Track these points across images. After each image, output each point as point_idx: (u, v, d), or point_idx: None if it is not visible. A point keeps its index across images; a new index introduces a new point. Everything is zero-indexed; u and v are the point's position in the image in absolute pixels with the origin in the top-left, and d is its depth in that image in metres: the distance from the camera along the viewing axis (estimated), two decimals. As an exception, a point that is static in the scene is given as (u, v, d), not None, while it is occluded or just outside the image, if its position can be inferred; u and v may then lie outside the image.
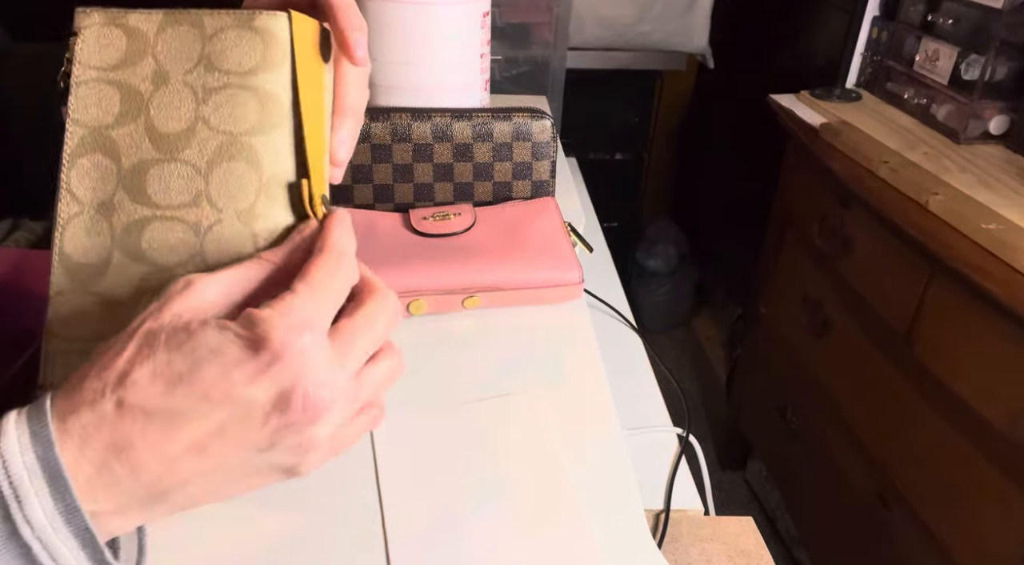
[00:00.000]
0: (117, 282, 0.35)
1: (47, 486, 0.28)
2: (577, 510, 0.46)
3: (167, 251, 0.35)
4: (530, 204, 0.74)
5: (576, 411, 0.54)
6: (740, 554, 0.51)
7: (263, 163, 0.35)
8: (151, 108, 0.35)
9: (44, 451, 0.28)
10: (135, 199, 0.35)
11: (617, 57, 1.66)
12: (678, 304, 2.22)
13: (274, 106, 0.35)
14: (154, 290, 0.33)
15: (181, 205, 0.35)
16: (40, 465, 0.28)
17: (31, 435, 0.29)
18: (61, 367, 0.34)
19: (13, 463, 0.28)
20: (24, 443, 0.28)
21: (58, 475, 0.28)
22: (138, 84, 0.35)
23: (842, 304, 1.21)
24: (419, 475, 0.48)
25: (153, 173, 0.35)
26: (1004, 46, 1.06)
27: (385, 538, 0.43)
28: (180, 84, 0.35)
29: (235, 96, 0.35)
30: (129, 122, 0.35)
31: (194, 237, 0.35)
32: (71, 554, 0.29)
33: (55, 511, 0.28)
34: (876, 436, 1.13)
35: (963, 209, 0.93)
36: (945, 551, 0.99)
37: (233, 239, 0.35)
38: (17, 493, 0.28)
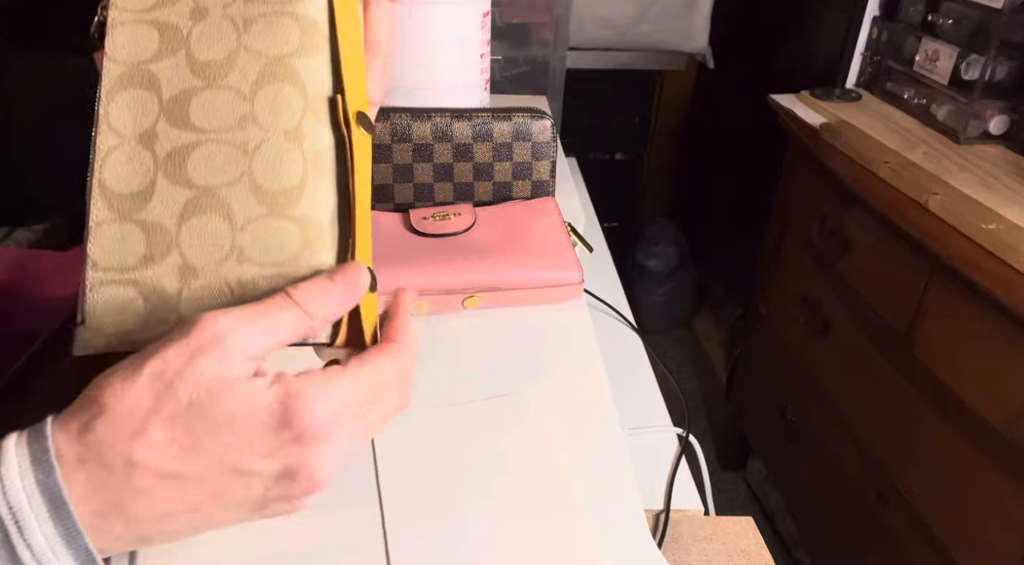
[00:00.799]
0: (161, 208, 0.34)
1: (47, 511, 0.28)
2: (577, 510, 0.46)
3: (214, 172, 0.35)
4: (530, 204, 0.74)
5: (576, 411, 0.54)
6: (740, 554, 0.51)
7: (306, 84, 0.36)
8: (191, 41, 0.36)
9: (45, 476, 0.28)
10: (179, 126, 0.35)
11: (617, 57, 1.66)
12: (678, 304, 2.22)
13: (314, 30, 0.36)
14: (200, 211, 0.34)
15: (227, 128, 0.35)
16: (40, 490, 0.28)
17: (31, 460, 0.28)
18: (105, 301, 0.34)
19: (13, 488, 0.28)
20: (24, 467, 0.28)
21: (59, 500, 0.28)
22: (177, 21, 0.36)
23: (842, 304, 1.21)
24: (419, 475, 0.48)
25: (196, 101, 0.35)
26: (1004, 46, 1.06)
27: (385, 538, 0.43)
28: (220, 17, 0.36)
29: (275, 22, 0.36)
30: (169, 56, 0.36)
31: (242, 156, 0.35)
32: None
33: (56, 535, 0.28)
34: (876, 436, 1.13)
35: (963, 209, 0.93)
36: (945, 551, 0.99)
37: (281, 157, 0.35)
38: (17, 518, 0.28)
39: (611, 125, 1.82)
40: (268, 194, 0.35)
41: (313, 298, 0.32)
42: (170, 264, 0.34)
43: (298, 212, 0.35)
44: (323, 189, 0.35)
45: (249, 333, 0.31)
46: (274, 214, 0.34)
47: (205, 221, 0.34)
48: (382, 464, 0.48)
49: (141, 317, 0.34)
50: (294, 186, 0.35)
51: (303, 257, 0.34)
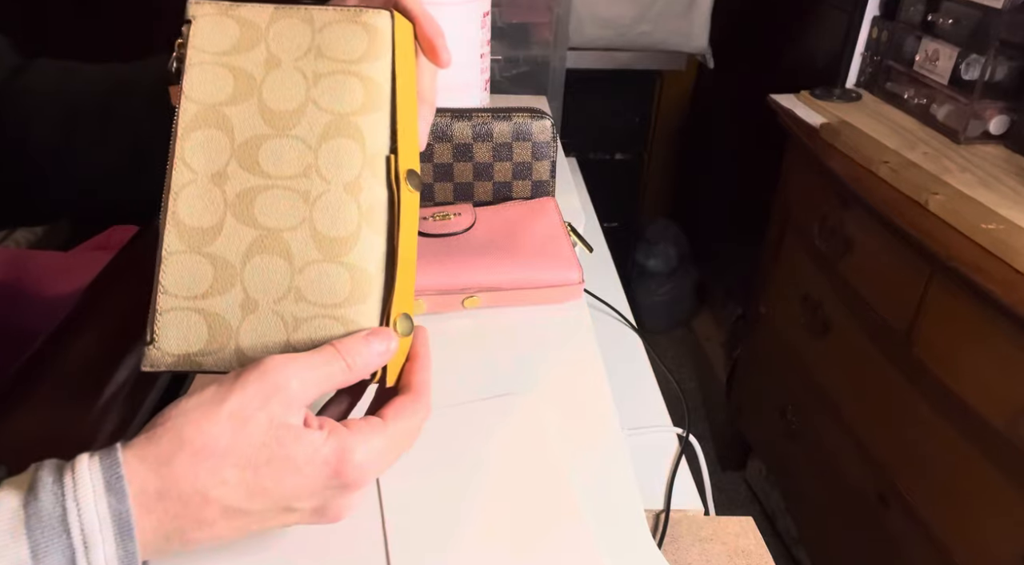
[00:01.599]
0: (228, 245, 0.37)
1: (114, 536, 0.30)
2: (577, 510, 0.46)
3: (279, 216, 0.38)
4: (530, 204, 0.74)
5: (576, 411, 0.54)
6: (740, 554, 0.51)
7: (367, 141, 0.39)
8: (264, 90, 0.39)
9: (118, 503, 0.30)
10: (248, 169, 0.38)
11: (617, 57, 1.66)
12: (678, 304, 2.22)
13: (377, 91, 0.39)
14: (264, 251, 0.37)
15: (292, 176, 0.38)
16: (112, 515, 0.30)
17: (106, 486, 0.30)
18: (173, 324, 0.37)
19: (87, 511, 0.30)
20: (99, 492, 0.30)
21: (127, 527, 0.30)
22: (251, 68, 0.39)
23: (842, 304, 1.21)
24: (419, 475, 0.48)
25: (266, 147, 0.38)
26: (1004, 46, 1.06)
27: (385, 538, 0.43)
28: (292, 69, 0.39)
29: (343, 81, 0.39)
30: (242, 101, 0.38)
31: (303, 205, 0.38)
32: None
33: (115, 557, 0.30)
34: (876, 436, 1.13)
35: (963, 209, 0.93)
36: (945, 551, 0.99)
37: (339, 208, 0.38)
38: (86, 539, 0.29)
39: (611, 125, 1.82)
40: (325, 240, 0.37)
41: (354, 351, 0.36)
42: (233, 296, 0.37)
43: (350, 259, 0.37)
44: (374, 240, 0.38)
45: (308, 380, 0.34)
46: (329, 259, 0.37)
47: (267, 261, 0.37)
48: (382, 464, 0.48)
49: (204, 341, 0.37)
50: (349, 235, 0.38)
51: (351, 301, 0.37)
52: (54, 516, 0.29)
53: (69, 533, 0.29)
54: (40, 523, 0.29)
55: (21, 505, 0.29)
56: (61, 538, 0.29)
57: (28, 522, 0.29)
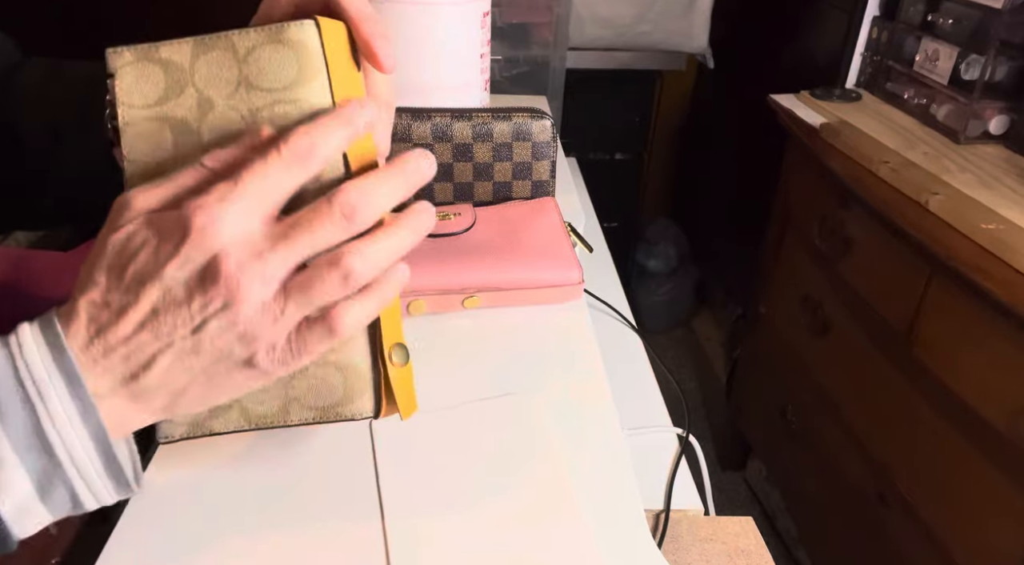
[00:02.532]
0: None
1: (66, 386, 0.32)
2: (577, 510, 0.46)
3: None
4: (530, 204, 0.74)
5: (576, 411, 0.54)
6: (740, 554, 0.51)
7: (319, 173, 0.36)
8: (203, 136, 0.37)
9: (60, 356, 0.32)
10: None
11: (617, 57, 1.66)
12: (678, 304, 2.22)
13: (319, 114, 0.36)
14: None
15: None
16: (57, 367, 0.32)
17: (47, 343, 0.32)
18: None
19: (36, 367, 0.31)
20: (42, 348, 0.32)
21: (74, 376, 0.32)
22: (185, 114, 0.37)
23: (842, 304, 1.21)
24: (419, 475, 0.48)
25: None
26: (1004, 46, 1.06)
27: (385, 538, 0.43)
28: (226, 109, 0.36)
29: (281, 113, 0.36)
30: (185, 156, 0.36)
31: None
32: (85, 453, 0.32)
33: (73, 409, 0.32)
34: (876, 436, 1.13)
35: (963, 209, 0.93)
36: (945, 551, 0.99)
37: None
38: (40, 392, 0.31)
39: (611, 125, 1.82)
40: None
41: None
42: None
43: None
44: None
45: (151, 189, 0.34)
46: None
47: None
48: (382, 464, 0.48)
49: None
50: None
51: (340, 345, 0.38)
52: (5, 372, 0.31)
53: (23, 386, 0.31)
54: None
55: None
56: (17, 391, 0.31)
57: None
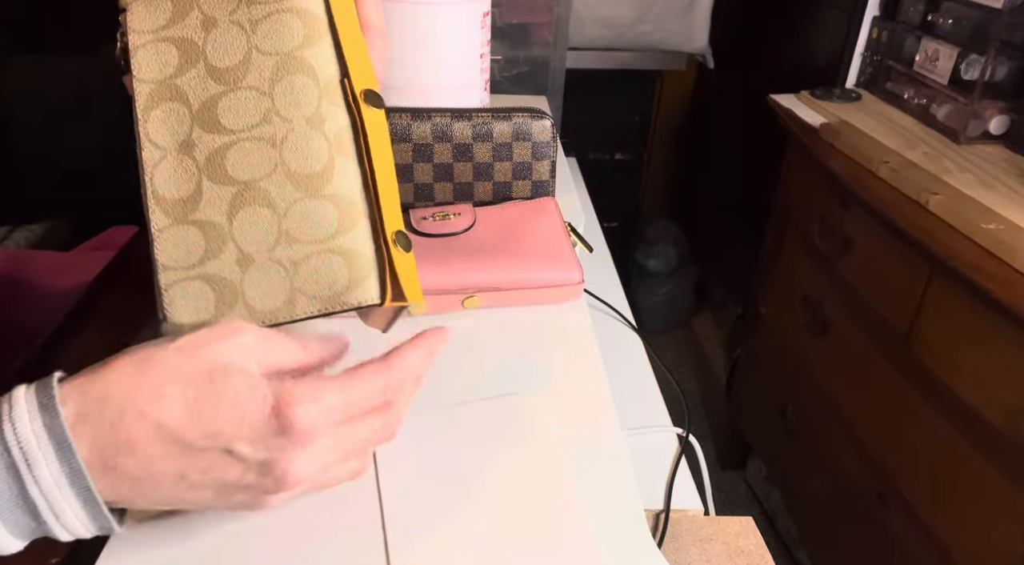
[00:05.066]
0: (211, 207, 0.38)
1: (54, 452, 0.31)
2: (577, 510, 0.46)
3: (251, 167, 0.38)
4: (530, 204, 0.74)
5: (576, 411, 0.54)
6: (740, 554, 0.51)
7: (317, 72, 0.39)
8: (207, 51, 0.39)
9: (51, 420, 0.31)
10: (211, 131, 0.38)
11: (617, 57, 1.66)
12: (678, 304, 2.22)
13: (314, 21, 0.40)
14: (246, 204, 0.38)
15: (254, 125, 0.39)
16: (46, 431, 0.31)
17: (39, 406, 0.31)
18: (181, 297, 0.38)
19: (23, 429, 0.31)
20: (33, 411, 0.31)
21: (65, 443, 0.31)
22: (191, 34, 0.39)
23: (842, 304, 1.21)
24: (419, 475, 0.48)
25: (222, 105, 0.39)
26: (1004, 46, 1.06)
27: (385, 538, 0.43)
28: (228, 23, 0.39)
29: (279, 20, 0.39)
30: (190, 68, 0.39)
31: (272, 150, 0.38)
32: (73, 512, 0.32)
33: (61, 473, 0.31)
34: (876, 436, 1.13)
35: (963, 209, 0.93)
36: (945, 551, 0.99)
37: (307, 143, 0.38)
38: (27, 456, 0.30)
39: (611, 125, 1.82)
40: (302, 178, 0.38)
41: (313, 342, 0.37)
42: (228, 255, 0.38)
43: (330, 191, 0.38)
44: (348, 166, 0.39)
45: (264, 336, 0.35)
46: (310, 196, 0.38)
47: (252, 212, 0.38)
48: (382, 464, 0.48)
49: (212, 305, 0.38)
50: (323, 168, 0.38)
51: (342, 231, 0.38)
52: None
53: (9, 452, 0.30)
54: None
55: None
56: (3, 457, 0.30)
57: None
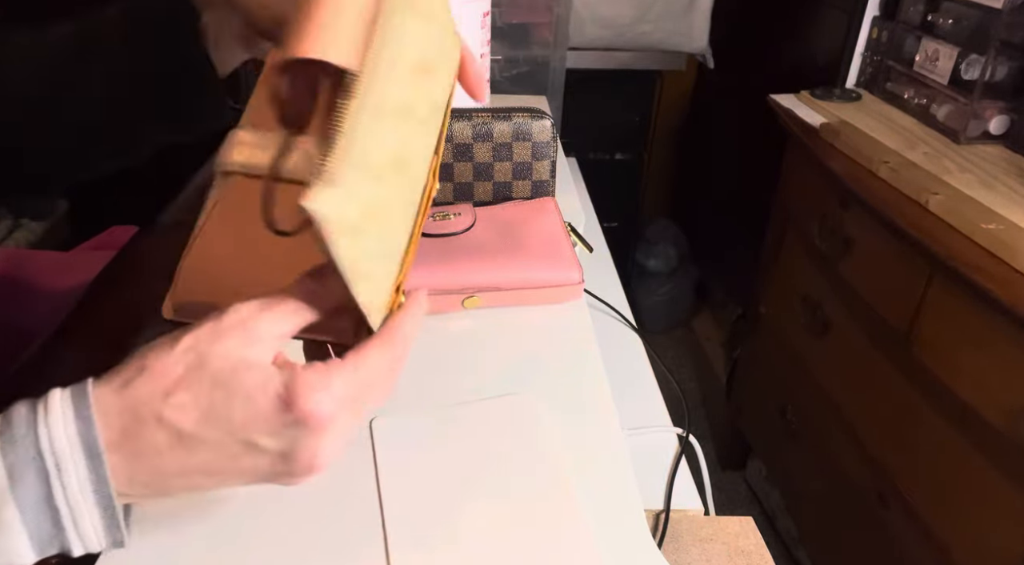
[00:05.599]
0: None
1: (85, 459, 0.32)
2: (577, 510, 0.46)
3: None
4: (530, 204, 0.74)
5: (576, 411, 0.54)
6: (740, 554, 0.51)
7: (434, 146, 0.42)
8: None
9: (86, 429, 0.32)
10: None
11: (617, 57, 1.66)
12: (678, 304, 2.22)
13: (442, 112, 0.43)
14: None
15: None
16: (80, 440, 0.32)
17: (75, 414, 0.32)
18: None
19: (58, 436, 0.32)
20: (68, 419, 0.32)
21: (96, 451, 0.32)
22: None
23: (842, 304, 1.21)
24: (419, 475, 0.48)
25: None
26: (1004, 46, 1.06)
27: (385, 538, 0.43)
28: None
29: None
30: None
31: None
32: (90, 521, 0.33)
33: (87, 480, 0.32)
34: (876, 436, 1.13)
35: (963, 209, 0.93)
36: (945, 551, 0.99)
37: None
38: (58, 462, 0.32)
39: (611, 125, 1.82)
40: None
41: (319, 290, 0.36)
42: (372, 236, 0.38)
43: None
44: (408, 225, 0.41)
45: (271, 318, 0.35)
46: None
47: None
48: (382, 464, 0.48)
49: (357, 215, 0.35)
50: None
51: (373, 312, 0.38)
52: (27, 440, 0.31)
53: (42, 456, 0.31)
54: (14, 447, 0.31)
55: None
56: (35, 461, 0.31)
57: (3, 447, 0.31)
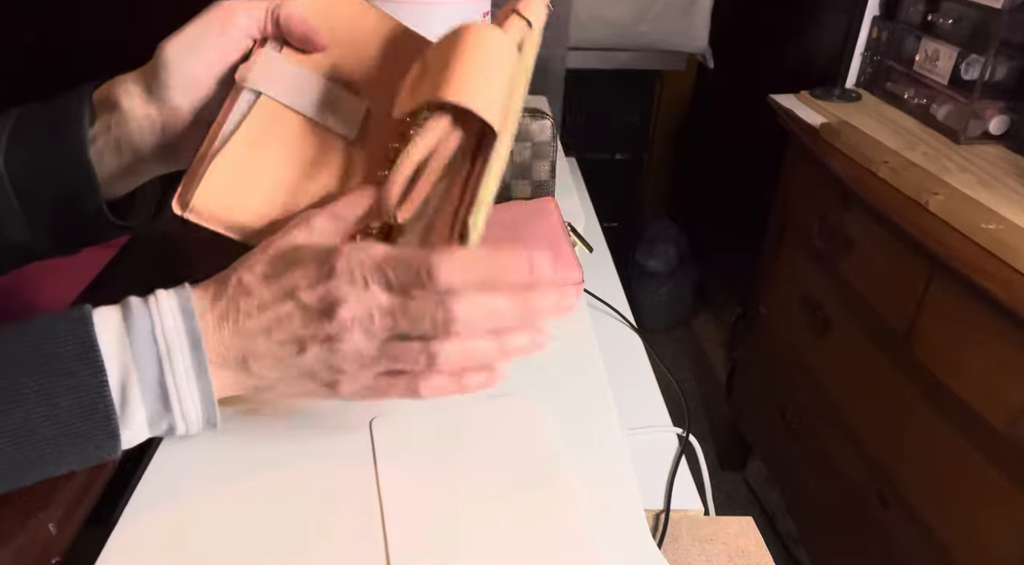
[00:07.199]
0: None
1: (189, 346, 0.39)
2: (577, 510, 0.46)
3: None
4: (530, 204, 0.74)
5: (576, 411, 0.54)
6: (740, 554, 0.51)
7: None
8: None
9: (188, 322, 0.39)
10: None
11: (617, 57, 1.66)
12: (678, 304, 2.22)
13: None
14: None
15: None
16: (186, 329, 0.39)
17: (180, 309, 0.39)
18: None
19: (168, 326, 0.38)
20: (175, 312, 0.39)
21: (196, 339, 0.39)
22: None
23: (842, 304, 1.21)
24: (419, 475, 0.48)
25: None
26: (1004, 46, 1.06)
27: (385, 538, 0.43)
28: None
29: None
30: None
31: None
32: (192, 403, 0.39)
33: (191, 368, 0.39)
34: (876, 436, 1.13)
35: (963, 209, 0.93)
36: (945, 551, 0.99)
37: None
38: (169, 348, 0.38)
39: (611, 125, 1.82)
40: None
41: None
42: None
43: None
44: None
45: (328, 216, 0.44)
46: None
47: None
48: (382, 464, 0.48)
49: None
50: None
51: None
52: (145, 329, 0.38)
53: (156, 343, 0.38)
54: (137, 335, 0.38)
55: (121, 319, 0.38)
56: (151, 346, 0.38)
57: (129, 333, 0.38)
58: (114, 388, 0.37)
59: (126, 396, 0.38)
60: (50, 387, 0.36)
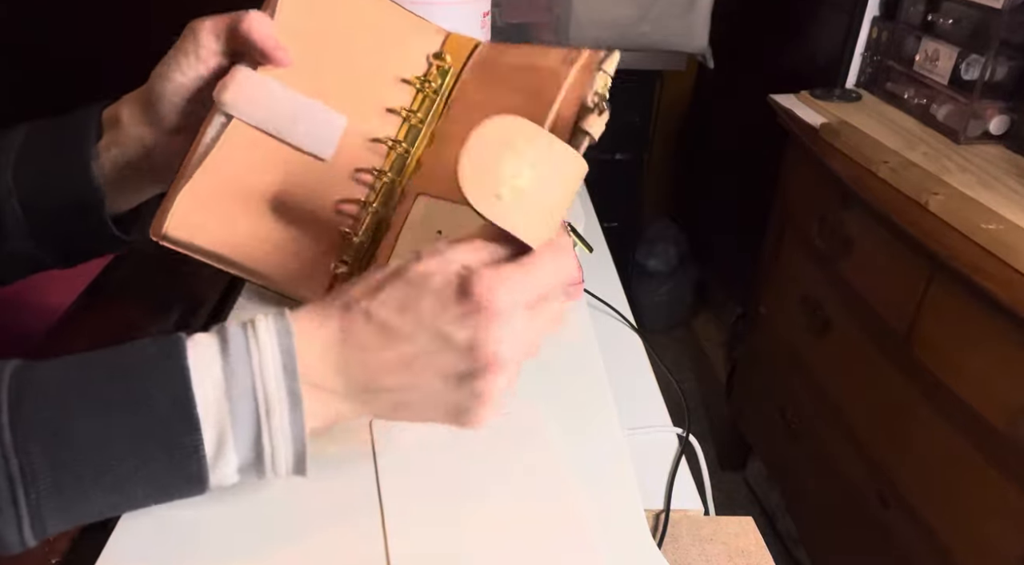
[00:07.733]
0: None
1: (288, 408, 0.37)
2: (577, 510, 0.46)
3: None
4: (530, 204, 0.74)
5: (576, 411, 0.54)
6: (740, 554, 0.51)
7: None
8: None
9: (290, 381, 0.37)
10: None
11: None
12: (678, 304, 2.22)
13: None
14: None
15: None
16: (287, 387, 0.37)
17: (283, 367, 0.37)
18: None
19: (269, 383, 0.36)
20: (278, 369, 0.37)
21: (296, 397, 0.37)
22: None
23: (842, 304, 1.21)
24: (419, 476, 0.48)
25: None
26: (1004, 46, 1.06)
27: (385, 537, 0.43)
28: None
29: None
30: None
31: None
32: (284, 458, 0.38)
33: (288, 426, 0.37)
34: (876, 436, 1.13)
35: (963, 209, 0.93)
36: (945, 551, 0.99)
37: None
38: (268, 406, 0.36)
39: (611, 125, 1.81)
40: None
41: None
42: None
43: None
44: None
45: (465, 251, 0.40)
46: None
47: None
48: (382, 464, 0.48)
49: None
50: None
51: None
52: (246, 385, 0.36)
53: (256, 400, 0.36)
54: (235, 379, 0.36)
55: (221, 374, 0.36)
56: (250, 403, 0.36)
57: (226, 378, 0.36)
58: (208, 444, 0.36)
59: (220, 450, 0.37)
60: (143, 446, 0.35)
